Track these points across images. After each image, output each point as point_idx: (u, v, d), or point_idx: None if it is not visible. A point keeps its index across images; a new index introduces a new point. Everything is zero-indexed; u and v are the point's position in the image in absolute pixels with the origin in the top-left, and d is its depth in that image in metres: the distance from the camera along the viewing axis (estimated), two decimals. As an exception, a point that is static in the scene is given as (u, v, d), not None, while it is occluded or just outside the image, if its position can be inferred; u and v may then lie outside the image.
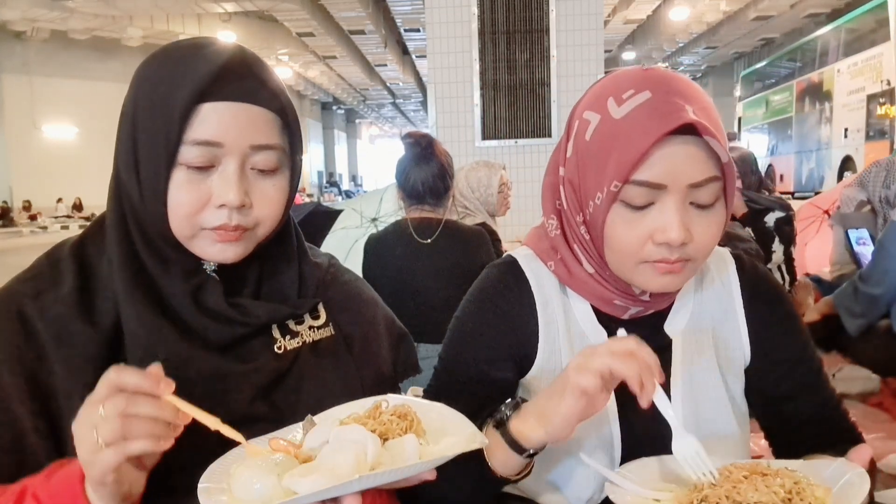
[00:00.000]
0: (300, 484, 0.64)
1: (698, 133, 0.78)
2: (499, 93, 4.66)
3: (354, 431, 0.69)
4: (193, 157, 0.77)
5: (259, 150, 0.79)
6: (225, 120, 0.77)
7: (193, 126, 0.76)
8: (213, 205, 0.78)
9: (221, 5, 15.70)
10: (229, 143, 0.77)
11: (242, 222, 0.79)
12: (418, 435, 0.72)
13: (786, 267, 3.08)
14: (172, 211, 0.78)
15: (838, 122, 12.06)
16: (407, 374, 0.98)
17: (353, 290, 0.97)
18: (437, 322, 2.25)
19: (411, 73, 23.68)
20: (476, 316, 0.96)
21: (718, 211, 0.83)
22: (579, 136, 0.85)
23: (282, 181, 0.83)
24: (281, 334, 0.86)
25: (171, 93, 0.76)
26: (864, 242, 3.02)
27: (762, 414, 1.00)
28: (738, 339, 0.97)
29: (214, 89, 0.76)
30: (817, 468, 0.77)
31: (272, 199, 0.82)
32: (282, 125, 0.82)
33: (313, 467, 0.67)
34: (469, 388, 0.94)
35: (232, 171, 0.78)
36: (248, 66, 0.79)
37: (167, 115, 0.76)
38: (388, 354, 0.96)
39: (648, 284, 0.85)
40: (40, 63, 17.44)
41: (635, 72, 0.85)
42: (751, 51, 23.32)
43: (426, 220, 2.40)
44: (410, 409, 0.73)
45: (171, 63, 0.78)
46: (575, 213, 0.88)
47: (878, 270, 2.36)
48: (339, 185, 29.50)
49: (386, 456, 0.68)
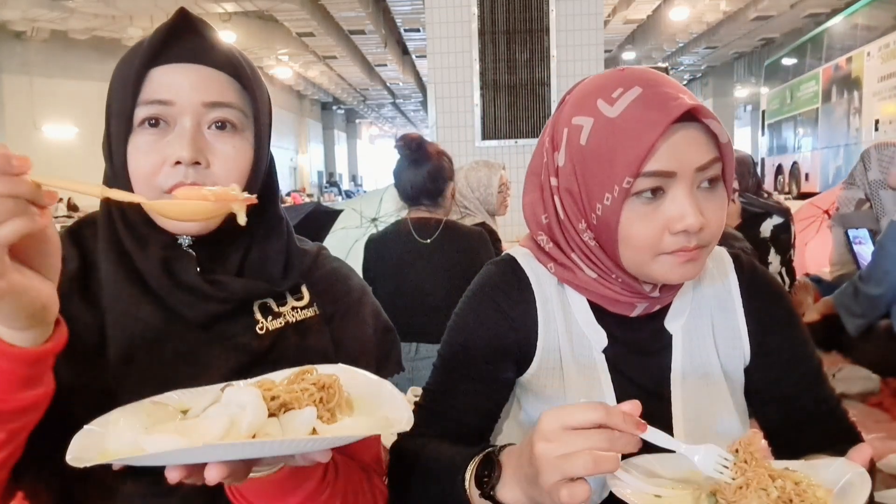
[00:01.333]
0: (150, 441, 0.58)
1: (695, 119, 0.80)
2: (499, 93, 4.66)
3: (245, 394, 0.62)
4: (145, 115, 0.79)
5: (213, 108, 0.80)
6: (175, 80, 0.79)
7: (145, 88, 0.79)
8: (169, 164, 0.78)
9: (221, 5, 15.69)
10: (181, 102, 0.79)
11: (199, 180, 0.79)
12: (340, 409, 0.64)
13: (786, 271, 3.08)
14: (133, 176, 0.79)
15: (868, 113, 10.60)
16: (389, 372, 0.96)
17: (340, 274, 0.97)
18: (437, 322, 2.24)
19: (411, 73, 23.68)
20: (475, 313, 0.96)
21: (722, 191, 0.85)
22: (572, 142, 0.85)
23: (242, 142, 0.83)
24: (263, 315, 0.86)
25: (130, 63, 0.80)
26: (861, 242, 3.02)
27: (761, 413, 1.00)
28: (737, 338, 0.97)
29: (162, 53, 0.79)
30: (817, 468, 0.77)
31: (229, 159, 0.81)
32: (238, 87, 0.83)
33: (184, 427, 0.61)
34: (470, 386, 0.94)
35: (186, 128, 0.79)
36: (196, 29, 0.82)
37: (125, 87, 0.79)
38: (372, 344, 0.94)
39: (668, 276, 0.85)
40: (40, 63, 17.43)
41: (614, 73, 0.86)
42: (751, 51, 23.31)
43: (426, 220, 2.40)
44: (336, 381, 0.66)
45: (138, 43, 0.82)
46: (576, 221, 0.87)
47: (878, 270, 2.36)
48: (339, 185, 29.48)
49: (274, 426, 0.61)
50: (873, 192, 3.05)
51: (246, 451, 0.59)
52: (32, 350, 0.63)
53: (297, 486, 0.74)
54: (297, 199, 17.16)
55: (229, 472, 0.60)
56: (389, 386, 0.71)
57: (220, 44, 0.83)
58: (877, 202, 3.04)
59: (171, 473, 0.60)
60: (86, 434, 0.62)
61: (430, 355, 2.31)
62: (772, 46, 22.05)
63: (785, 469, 0.77)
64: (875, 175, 3.02)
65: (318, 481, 0.76)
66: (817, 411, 0.97)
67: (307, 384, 0.65)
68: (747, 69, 24.58)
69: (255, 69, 0.86)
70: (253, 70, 0.85)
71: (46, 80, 17.95)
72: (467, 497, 0.78)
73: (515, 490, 0.74)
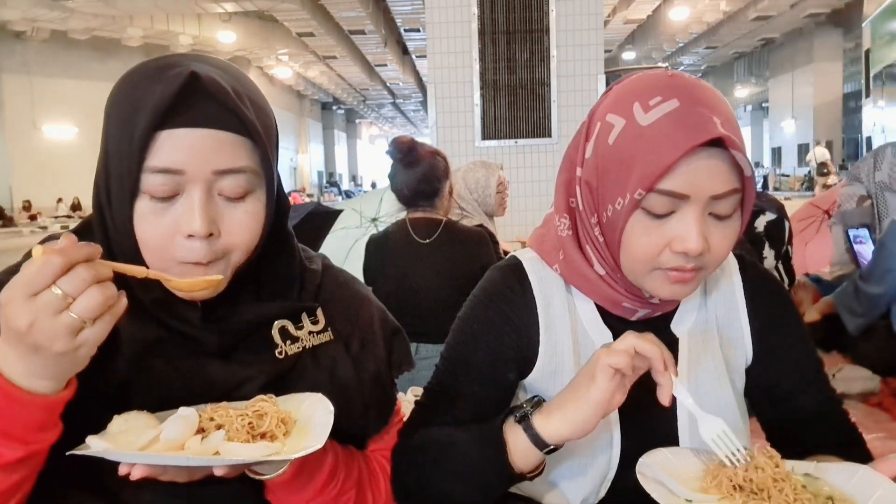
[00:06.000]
0: (93, 441, 0.70)
1: (723, 145, 0.78)
2: (499, 93, 4.65)
3: (184, 413, 0.74)
4: (154, 185, 0.74)
5: (224, 175, 0.76)
6: (184, 146, 0.74)
7: (152, 154, 0.74)
8: (181, 235, 0.75)
9: (221, 5, 15.69)
10: (191, 170, 0.75)
11: (213, 256, 0.77)
12: (272, 434, 0.74)
13: (783, 268, 3.08)
14: (143, 244, 0.76)
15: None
16: (401, 369, 0.98)
17: (350, 292, 0.97)
18: (437, 322, 2.26)
19: (411, 73, 23.69)
20: (479, 317, 0.96)
21: (735, 222, 0.84)
22: (601, 138, 0.85)
23: (254, 205, 0.80)
24: (282, 339, 0.86)
25: (131, 120, 0.74)
26: (861, 241, 3.01)
27: (763, 412, 1.01)
28: (740, 339, 0.97)
29: (171, 116, 0.74)
30: (839, 475, 0.76)
31: (243, 226, 0.79)
32: (251, 146, 0.78)
33: (133, 436, 0.72)
34: (471, 389, 0.95)
35: (196, 199, 0.75)
36: (206, 89, 0.75)
37: (128, 144, 0.74)
38: (384, 351, 0.96)
39: (658, 291, 0.85)
40: (40, 63, 17.43)
41: (660, 76, 0.84)
42: (751, 51, 23.32)
43: (426, 221, 2.41)
44: (273, 412, 0.76)
45: (132, 89, 0.76)
46: (590, 215, 0.88)
47: (879, 269, 2.35)
48: (339, 185, 29.49)
49: (195, 442, 0.72)
50: (878, 192, 3.02)
51: (144, 458, 0.70)
52: (51, 398, 0.69)
53: (306, 484, 0.82)
54: (297, 199, 17.17)
55: (155, 474, 0.71)
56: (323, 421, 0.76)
57: (230, 102, 0.76)
58: (881, 203, 3.02)
59: (120, 469, 0.70)
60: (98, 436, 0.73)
61: (431, 355, 2.31)
62: (772, 46, 22.06)
63: (807, 475, 0.76)
64: (883, 177, 2.99)
65: (327, 477, 0.84)
66: (818, 411, 0.97)
67: (249, 410, 0.75)
68: (747, 69, 24.59)
69: (263, 109, 0.81)
70: (263, 113, 0.81)
71: (46, 80, 17.94)
72: (503, 437, 0.84)
73: (556, 416, 0.81)
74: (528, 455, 0.83)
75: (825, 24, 19.54)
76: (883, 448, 1.79)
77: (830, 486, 0.75)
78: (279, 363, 0.85)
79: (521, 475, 0.84)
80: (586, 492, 0.93)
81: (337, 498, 0.85)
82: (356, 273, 1.49)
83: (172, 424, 0.72)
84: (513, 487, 0.91)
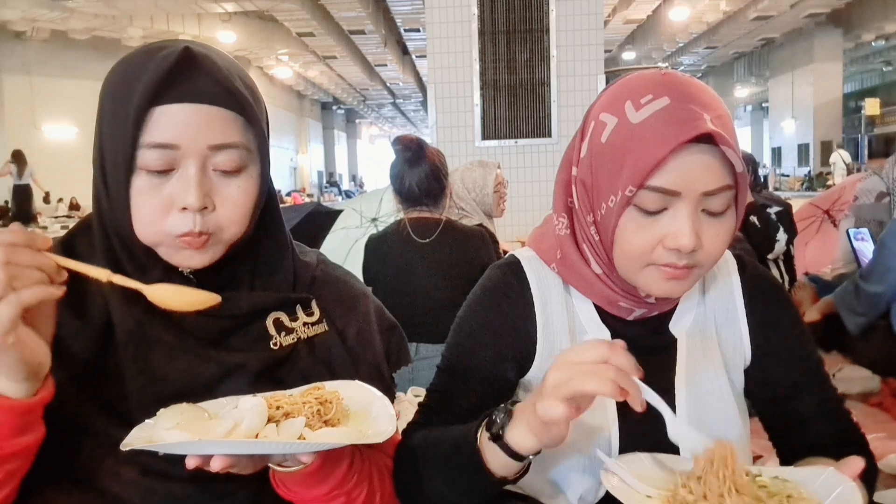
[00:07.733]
0: (167, 435, 0.69)
1: (715, 142, 0.78)
2: (499, 93, 4.65)
3: (252, 402, 0.73)
4: (150, 160, 0.76)
5: (219, 150, 0.78)
6: (179, 121, 0.76)
7: (147, 130, 0.75)
8: (175, 209, 0.77)
9: (221, 5, 15.69)
10: (185, 145, 0.76)
11: (206, 227, 0.78)
12: (337, 420, 0.74)
13: (784, 264, 3.10)
14: (136, 217, 0.78)
15: None
16: (399, 365, 0.99)
17: (345, 286, 0.98)
18: (436, 322, 2.26)
19: (411, 73, 23.68)
20: (479, 316, 0.97)
21: (729, 219, 0.83)
22: (595, 137, 0.85)
23: (247, 181, 0.81)
24: (276, 330, 0.86)
25: (126, 98, 0.76)
26: (862, 239, 3.01)
27: (764, 413, 1.01)
28: (738, 339, 0.97)
29: (165, 91, 0.75)
30: (808, 477, 0.77)
31: (236, 202, 0.80)
32: (244, 123, 0.80)
33: (202, 426, 0.72)
34: (472, 388, 0.95)
35: (191, 173, 0.77)
36: (200, 65, 0.77)
37: (123, 121, 0.76)
38: (381, 346, 0.97)
39: (652, 288, 0.85)
40: (40, 63, 17.41)
41: (653, 76, 0.84)
42: (751, 51, 23.31)
43: (426, 220, 2.40)
44: (336, 396, 0.76)
45: (127, 69, 0.78)
46: (585, 214, 0.88)
47: (879, 268, 2.35)
48: (339, 185, 29.48)
49: (272, 430, 0.71)
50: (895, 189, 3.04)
51: (235, 447, 0.70)
52: (25, 402, 0.69)
53: (328, 476, 0.81)
54: (297, 199, 17.19)
55: (231, 464, 0.70)
56: (384, 402, 0.78)
57: (224, 79, 0.78)
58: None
59: (188, 462, 0.69)
60: (141, 427, 0.72)
61: (431, 355, 2.31)
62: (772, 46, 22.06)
63: (775, 478, 0.76)
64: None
65: (346, 470, 0.84)
66: (818, 410, 0.97)
67: (311, 398, 0.75)
68: (747, 69, 24.57)
69: (256, 93, 0.83)
70: (255, 96, 0.82)
71: (46, 79, 17.94)
72: (478, 447, 0.81)
73: (524, 430, 0.77)
74: (507, 465, 0.80)
75: (825, 24, 19.51)
76: (883, 448, 1.79)
77: (796, 487, 0.76)
78: (273, 353, 0.85)
79: (504, 479, 0.83)
80: (585, 490, 0.93)
81: (351, 492, 0.85)
82: (356, 273, 1.49)
83: (249, 414, 0.71)
84: (512, 486, 0.91)
